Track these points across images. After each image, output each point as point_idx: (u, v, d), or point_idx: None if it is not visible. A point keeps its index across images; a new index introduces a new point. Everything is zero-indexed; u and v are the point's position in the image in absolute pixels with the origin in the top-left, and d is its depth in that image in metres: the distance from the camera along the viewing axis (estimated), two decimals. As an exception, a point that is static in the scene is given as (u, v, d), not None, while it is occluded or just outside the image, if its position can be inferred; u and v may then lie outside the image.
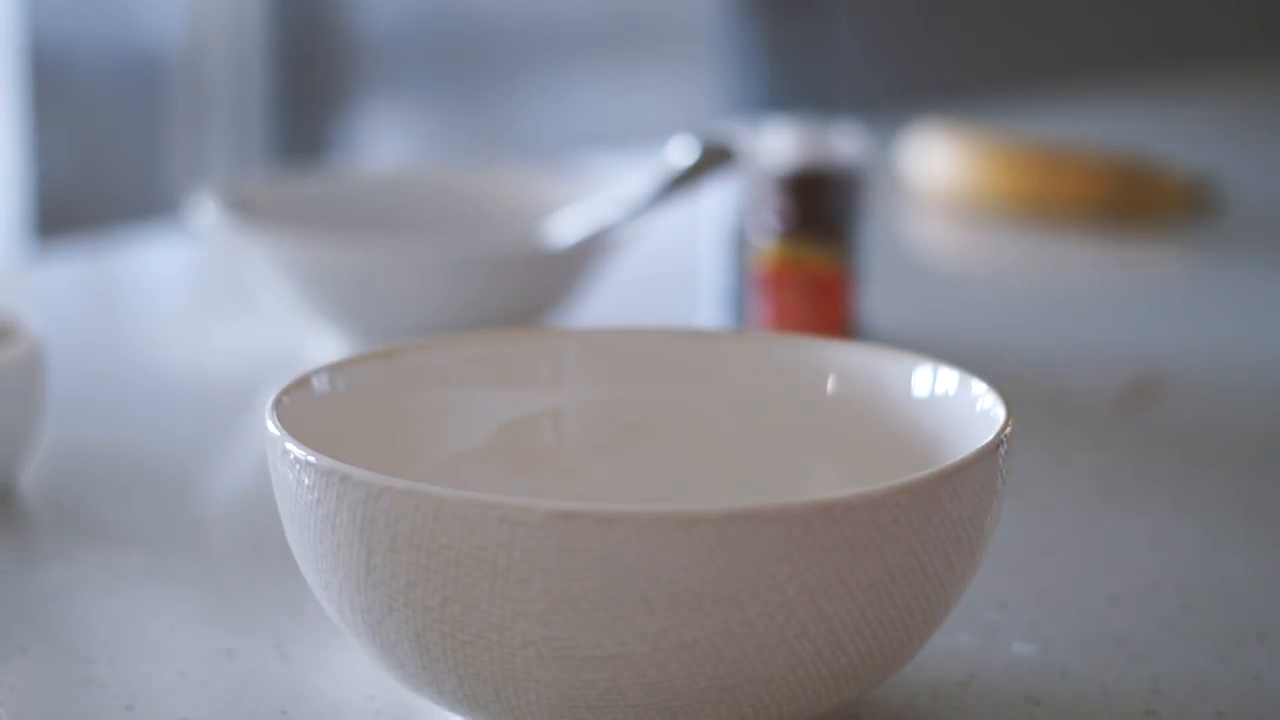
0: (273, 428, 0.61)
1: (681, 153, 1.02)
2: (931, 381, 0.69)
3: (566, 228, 1.05)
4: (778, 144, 1.06)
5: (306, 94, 2.53)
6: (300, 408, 0.65)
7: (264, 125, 2.50)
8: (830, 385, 0.72)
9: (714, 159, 1.02)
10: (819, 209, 1.03)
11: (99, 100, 2.42)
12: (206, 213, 1.05)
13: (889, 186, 1.44)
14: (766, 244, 1.03)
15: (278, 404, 0.64)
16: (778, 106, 2.35)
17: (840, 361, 0.72)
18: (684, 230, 1.22)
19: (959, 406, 0.67)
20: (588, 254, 1.03)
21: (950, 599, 0.61)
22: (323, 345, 1.05)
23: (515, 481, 0.71)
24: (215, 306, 1.21)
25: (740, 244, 1.06)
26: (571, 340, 0.74)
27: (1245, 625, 0.73)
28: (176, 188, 2.28)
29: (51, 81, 2.36)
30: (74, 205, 2.38)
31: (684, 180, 1.02)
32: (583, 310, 1.09)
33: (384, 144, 2.55)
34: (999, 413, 0.64)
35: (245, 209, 1.06)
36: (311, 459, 0.59)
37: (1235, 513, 0.86)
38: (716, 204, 1.08)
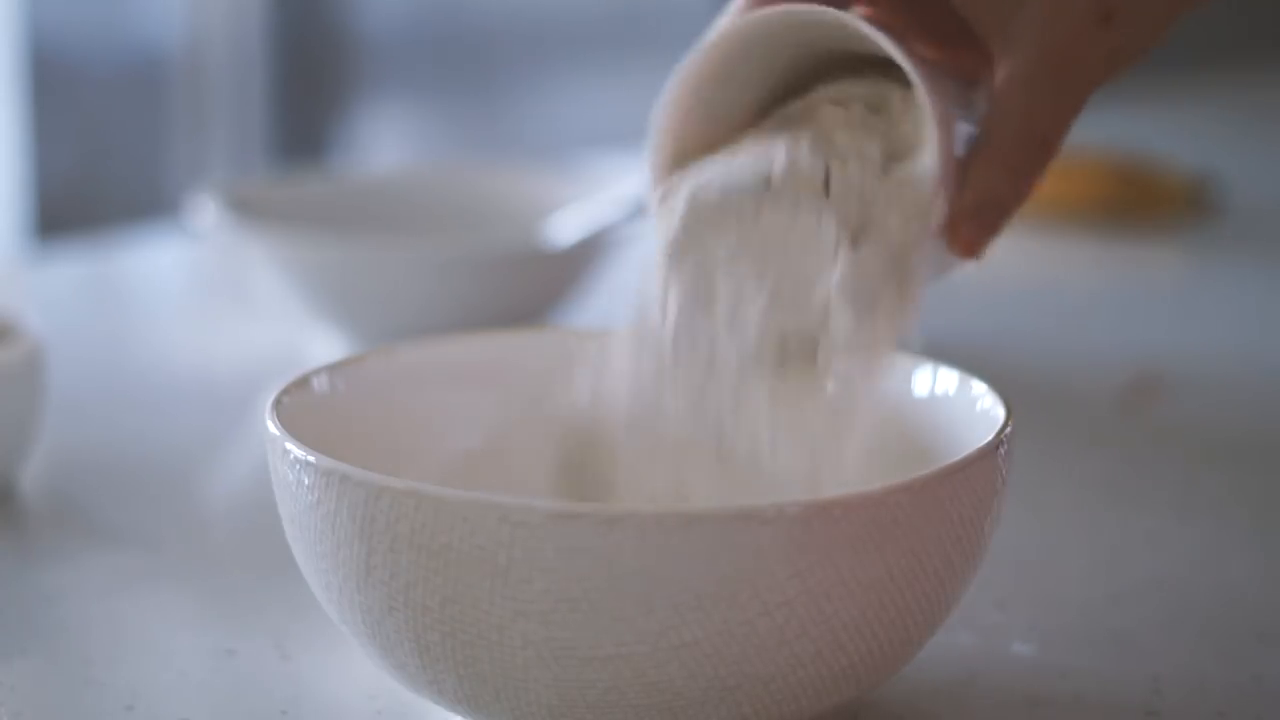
0: (273, 428, 0.61)
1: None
2: (931, 381, 0.69)
3: (566, 228, 1.05)
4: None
5: (306, 94, 2.53)
6: (300, 408, 0.65)
7: (264, 125, 2.50)
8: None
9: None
10: (819, 209, 1.03)
11: (99, 100, 2.42)
12: (206, 213, 1.05)
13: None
14: (766, 244, 1.03)
15: (278, 404, 0.64)
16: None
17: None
18: (684, 230, 1.22)
19: (959, 406, 0.67)
20: (588, 254, 1.03)
21: (950, 599, 0.61)
22: (323, 345, 1.05)
23: (515, 482, 0.71)
24: (215, 306, 1.21)
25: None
26: (572, 340, 0.74)
27: (1246, 625, 0.73)
28: (176, 188, 2.28)
29: (51, 81, 2.36)
30: (74, 205, 2.38)
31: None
32: (583, 310, 1.09)
33: (384, 144, 2.55)
34: (999, 413, 0.64)
35: (245, 209, 1.06)
36: (311, 459, 0.59)
37: (1236, 513, 0.86)
38: (716, 204, 1.08)
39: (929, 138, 0.62)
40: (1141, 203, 1.38)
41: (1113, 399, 1.01)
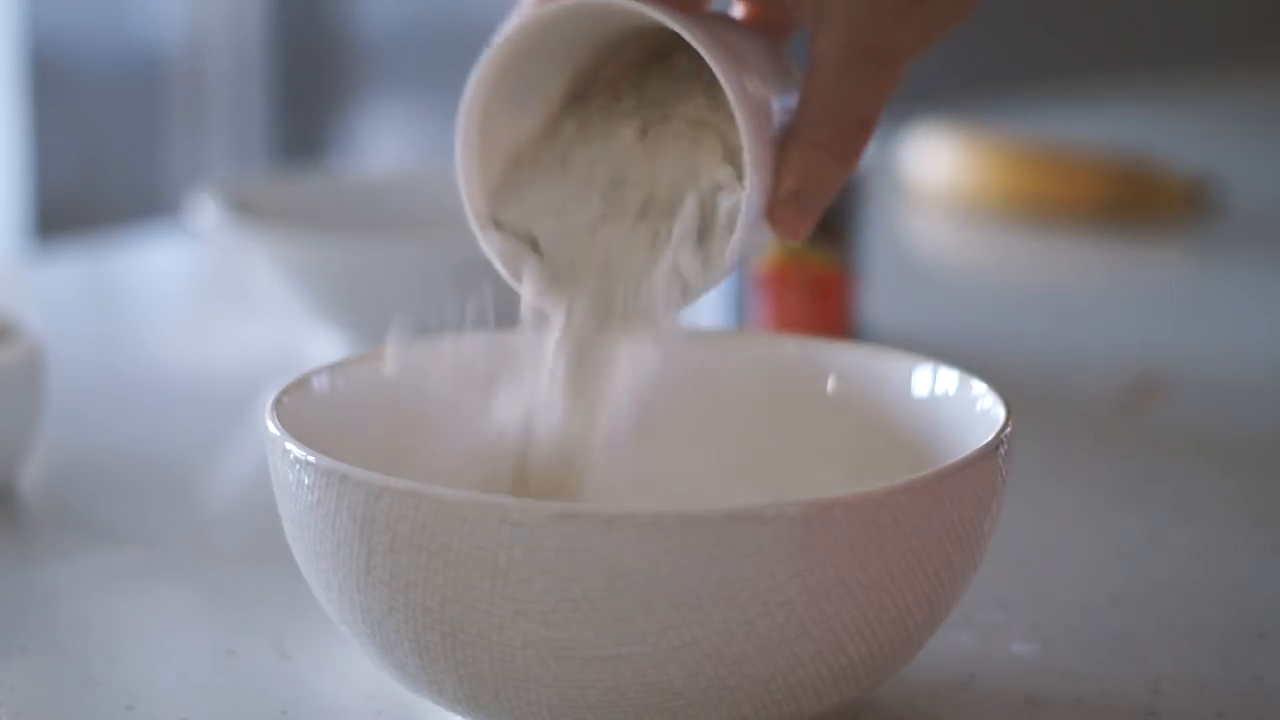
0: (273, 428, 0.61)
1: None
2: (931, 381, 0.69)
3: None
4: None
5: (306, 94, 2.53)
6: (300, 408, 0.65)
7: (264, 125, 2.50)
8: (830, 385, 0.72)
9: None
10: (819, 209, 1.03)
11: (99, 100, 2.42)
12: (206, 213, 1.05)
13: (889, 186, 1.44)
14: (766, 244, 1.03)
15: (278, 404, 0.64)
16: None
17: (840, 361, 0.72)
18: (684, 230, 1.22)
19: (959, 406, 0.67)
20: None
21: (950, 599, 0.61)
22: (323, 345, 1.05)
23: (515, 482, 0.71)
24: (215, 306, 1.21)
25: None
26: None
27: (1246, 625, 0.73)
28: (176, 188, 2.28)
29: (51, 81, 2.36)
30: (74, 205, 2.38)
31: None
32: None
33: (384, 144, 2.55)
34: (999, 413, 0.64)
35: (245, 209, 1.06)
36: (311, 459, 0.59)
37: (1236, 513, 0.86)
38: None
39: (740, 131, 0.61)
40: (1142, 203, 1.38)
41: (1113, 399, 1.01)
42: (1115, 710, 0.66)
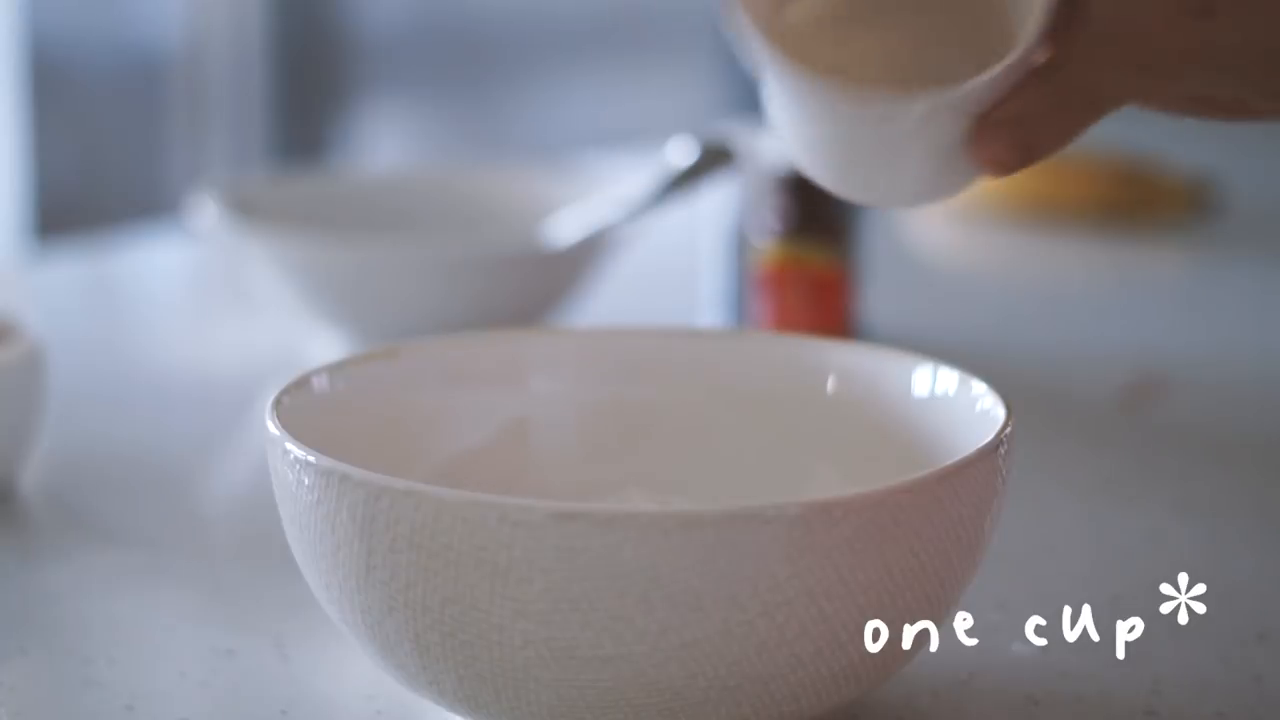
0: (273, 428, 0.61)
1: (681, 153, 1.02)
2: (931, 381, 0.69)
3: (566, 228, 1.05)
4: (777, 144, 1.06)
5: (306, 94, 2.53)
6: (300, 408, 0.65)
7: (264, 125, 2.50)
8: (830, 385, 0.72)
9: (714, 159, 1.02)
10: (819, 209, 1.03)
11: (99, 100, 2.42)
12: (206, 213, 1.05)
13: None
14: (766, 244, 1.03)
15: (278, 404, 0.64)
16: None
17: (840, 361, 0.72)
18: (684, 230, 1.22)
19: (959, 406, 0.67)
20: (588, 254, 1.03)
21: (950, 599, 0.61)
22: (323, 345, 1.05)
23: (515, 481, 0.71)
24: (215, 306, 1.21)
25: (740, 244, 1.06)
26: (571, 340, 0.74)
27: (1246, 626, 0.73)
28: (176, 188, 2.28)
29: (51, 81, 2.36)
30: (74, 205, 2.38)
31: (684, 180, 1.02)
32: (583, 310, 1.09)
33: (384, 144, 2.55)
34: (999, 413, 0.64)
35: (245, 209, 1.06)
36: (311, 459, 0.59)
37: (1236, 513, 0.86)
38: (716, 204, 1.08)
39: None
40: (1141, 203, 1.38)
41: (1113, 399, 1.01)
42: (1115, 710, 0.66)
